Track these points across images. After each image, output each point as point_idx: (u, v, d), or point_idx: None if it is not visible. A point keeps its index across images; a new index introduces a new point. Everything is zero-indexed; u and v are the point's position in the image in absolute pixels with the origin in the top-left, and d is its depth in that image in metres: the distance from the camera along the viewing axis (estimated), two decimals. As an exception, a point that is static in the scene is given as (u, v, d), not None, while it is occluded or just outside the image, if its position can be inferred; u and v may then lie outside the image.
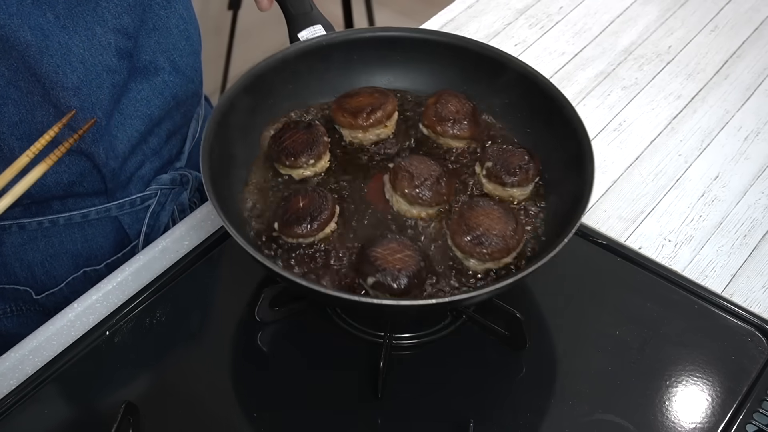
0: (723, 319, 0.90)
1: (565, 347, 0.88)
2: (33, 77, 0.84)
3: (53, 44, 0.83)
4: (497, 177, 0.89)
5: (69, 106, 0.87)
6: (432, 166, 0.88)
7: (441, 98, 0.95)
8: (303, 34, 0.97)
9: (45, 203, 0.96)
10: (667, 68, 1.26)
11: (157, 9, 0.95)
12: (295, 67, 0.97)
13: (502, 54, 0.97)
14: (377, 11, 2.61)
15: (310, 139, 0.91)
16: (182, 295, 0.92)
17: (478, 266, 0.83)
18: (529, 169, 0.88)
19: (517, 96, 0.96)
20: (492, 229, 0.82)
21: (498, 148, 0.91)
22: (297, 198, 0.86)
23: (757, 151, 1.13)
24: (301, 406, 0.83)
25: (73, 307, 0.90)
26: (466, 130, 0.94)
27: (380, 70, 1.02)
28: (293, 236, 0.84)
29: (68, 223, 0.98)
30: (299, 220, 0.83)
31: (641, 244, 1.00)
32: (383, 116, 0.94)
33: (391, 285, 0.78)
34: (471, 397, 0.83)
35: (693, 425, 0.81)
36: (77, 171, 0.94)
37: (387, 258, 0.79)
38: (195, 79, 1.04)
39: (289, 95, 0.98)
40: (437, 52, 1.00)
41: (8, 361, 0.85)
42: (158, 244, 0.97)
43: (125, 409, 0.77)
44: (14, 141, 0.87)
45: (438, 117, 0.94)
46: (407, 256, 0.80)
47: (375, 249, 0.80)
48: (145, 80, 0.96)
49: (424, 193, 0.86)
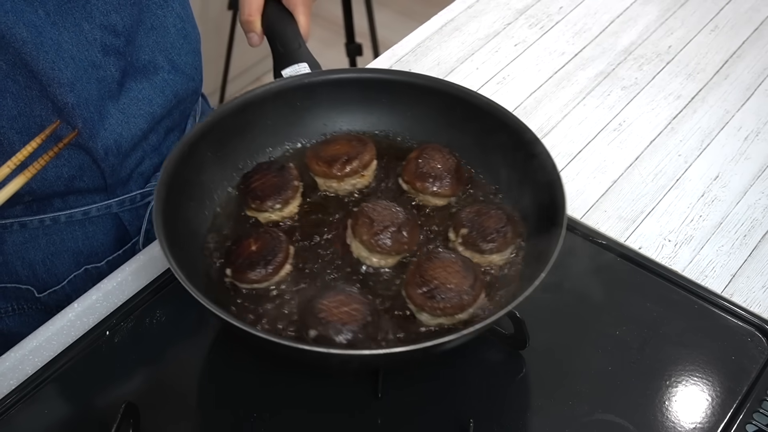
0: (723, 319, 0.90)
1: (565, 347, 0.88)
2: (30, 73, 0.84)
3: (47, 41, 0.84)
4: (474, 245, 0.83)
5: (66, 103, 0.87)
6: (396, 213, 0.84)
7: (424, 153, 0.91)
8: (287, 71, 0.94)
9: (46, 201, 0.96)
10: (667, 68, 1.26)
11: (154, 8, 0.95)
12: (275, 103, 0.94)
13: (493, 105, 0.92)
14: (377, 11, 2.60)
15: (280, 182, 0.87)
16: (182, 295, 0.92)
17: (430, 321, 0.79)
18: (507, 232, 0.83)
19: (501, 151, 0.92)
20: (447, 283, 0.77)
21: (471, 211, 0.86)
22: (248, 241, 0.82)
23: (757, 151, 1.13)
24: (302, 406, 0.83)
25: (73, 306, 0.90)
26: (448, 188, 0.89)
27: (364, 112, 0.99)
28: (248, 282, 0.81)
29: (69, 221, 0.98)
30: (252, 265, 0.80)
31: (641, 244, 1.00)
32: (359, 166, 0.90)
33: (332, 338, 0.73)
34: (471, 397, 0.83)
35: (693, 425, 0.81)
36: (77, 165, 0.94)
37: (332, 310, 0.75)
38: (195, 78, 1.04)
39: (268, 132, 0.95)
40: (424, 96, 0.96)
41: (8, 361, 0.85)
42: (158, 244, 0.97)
43: (125, 409, 0.77)
44: (14, 134, 0.88)
45: (419, 173, 0.89)
46: (354, 310, 0.75)
47: (321, 301, 0.76)
48: (146, 79, 0.97)
49: (384, 241, 0.82)
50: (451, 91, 0.95)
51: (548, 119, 1.18)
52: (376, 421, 0.81)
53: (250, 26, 0.98)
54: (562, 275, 0.94)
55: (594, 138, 1.15)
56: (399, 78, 0.98)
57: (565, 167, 1.10)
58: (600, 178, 1.09)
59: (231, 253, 0.83)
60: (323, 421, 0.81)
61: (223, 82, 2.64)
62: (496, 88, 1.22)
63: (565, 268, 0.94)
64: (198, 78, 1.05)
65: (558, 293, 0.92)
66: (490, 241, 0.83)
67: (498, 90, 1.22)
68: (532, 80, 1.24)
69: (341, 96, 0.97)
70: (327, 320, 0.74)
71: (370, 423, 0.81)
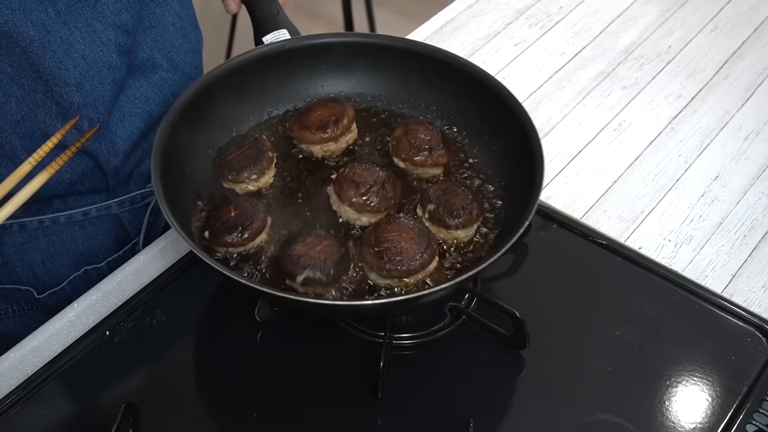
0: (723, 319, 0.90)
1: (565, 347, 0.88)
2: (36, 74, 0.84)
3: (55, 39, 0.83)
4: (440, 220, 0.86)
5: (72, 103, 0.87)
6: (376, 172, 0.88)
7: (409, 129, 0.94)
8: (267, 38, 0.96)
9: (46, 202, 0.96)
10: (667, 68, 1.26)
11: (153, 6, 0.95)
12: (258, 70, 0.96)
13: (462, 61, 0.97)
14: (377, 11, 2.61)
15: (255, 153, 0.90)
16: (182, 295, 0.92)
17: (379, 281, 0.82)
18: (473, 209, 0.86)
19: (476, 106, 0.96)
20: (398, 246, 0.81)
21: (439, 188, 0.88)
22: (228, 207, 0.86)
23: (757, 151, 1.13)
24: (302, 406, 0.83)
25: (73, 307, 0.90)
26: (444, 156, 0.93)
27: (343, 75, 1.01)
28: (223, 245, 0.84)
29: (69, 222, 0.98)
30: (229, 230, 0.83)
31: (641, 244, 1.00)
32: (349, 122, 0.95)
33: (320, 278, 0.79)
34: (471, 397, 0.83)
35: (693, 425, 0.81)
36: (79, 171, 0.94)
37: (309, 253, 0.80)
38: (195, 77, 1.04)
39: (251, 98, 0.98)
40: (400, 58, 0.99)
41: (8, 361, 0.85)
42: (158, 244, 0.97)
43: (125, 409, 0.77)
44: (16, 139, 0.87)
45: (414, 148, 0.92)
46: (327, 246, 0.81)
47: (294, 248, 0.81)
48: (144, 78, 0.97)
49: (372, 199, 0.86)
50: (428, 52, 0.99)
51: (548, 119, 1.18)
52: (376, 421, 0.82)
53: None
54: (562, 275, 0.94)
55: (594, 138, 1.15)
56: (376, 41, 1.01)
57: (565, 167, 1.10)
58: (600, 178, 1.09)
59: (210, 218, 0.86)
60: (323, 421, 0.81)
61: (223, 82, 2.64)
62: (496, 88, 1.22)
63: (565, 267, 0.95)
64: (197, 78, 1.05)
65: (558, 293, 0.93)
66: (455, 216, 0.86)
67: (498, 90, 1.22)
68: (532, 80, 1.24)
69: (320, 61, 1.00)
70: (309, 262, 0.80)
71: (370, 423, 0.81)
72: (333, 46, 1.00)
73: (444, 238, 0.87)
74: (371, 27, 2.54)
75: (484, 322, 0.87)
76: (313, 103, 0.97)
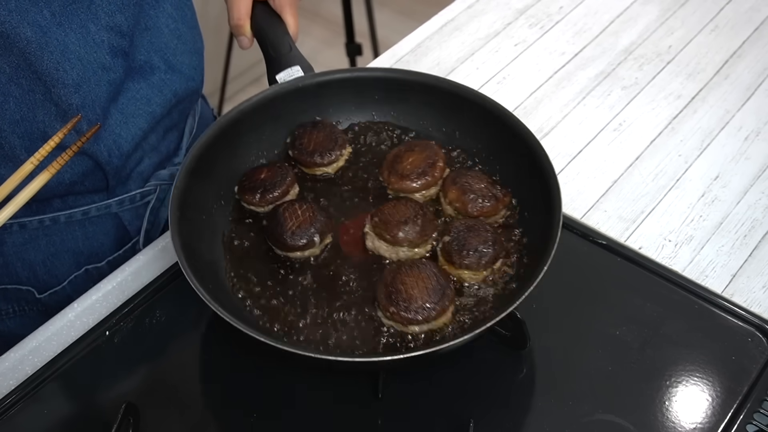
0: (723, 319, 0.90)
1: (565, 347, 0.88)
2: (34, 75, 0.84)
3: (52, 41, 0.83)
4: (449, 254, 0.84)
5: (70, 104, 0.87)
6: (407, 209, 0.87)
7: (458, 176, 0.91)
8: (281, 76, 0.96)
9: (46, 201, 0.96)
10: (667, 68, 1.26)
11: (147, 8, 0.95)
12: (274, 108, 0.96)
13: (478, 95, 0.95)
14: (377, 11, 2.60)
15: (328, 139, 0.94)
16: (182, 295, 0.92)
17: (384, 320, 0.81)
18: (483, 256, 0.83)
19: (488, 137, 0.95)
20: (409, 293, 0.80)
21: (465, 223, 0.86)
22: (261, 169, 0.92)
23: (757, 151, 1.13)
24: (302, 406, 0.83)
25: (73, 307, 0.90)
26: (492, 204, 0.89)
27: (358, 109, 1.01)
28: (247, 202, 0.91)
29: (69, 221, 0.98)
30: (255, 188, 0.90)
31: (641, 244, 1.00)
32: (444, 163, 0.93)
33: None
34: (471, 397, 0.83)
35: (693, 425, 0.81)
36: (80, 171, 0.94)
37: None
38: (195, 78, 1.04)
39: (267, 137, 0.98)
40: (413, 91, 0.99)
41: (8, 361, 0.85)
42: (158, 244, 0.97)
43: (125, 409, 0.77)
44: (15, 139, 0.87)
45: (477, 205, 0.89)
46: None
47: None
48: (143, 79, 0.97)
49: (410, 233, 0.85)
50: (442, 86, 0.98)
51: (548, 119, 1.18)
52: (376, 421, 0.81)
53: (240, 30, 0.98)
54: (562, 275, 0.94)
55: (594, 138, 1.15)
56: (388, 75, 1.00)
57: (565, 167, 1.10)
58: (600, 178, 1.09)
59: (244, 176, 0.93)
60: (323, 421, 0.81)
61: (223, 82, 2.64)
62: (496, 88, 1.22)
63: (565, 268, 0.95)
64: (198, 78, 1.05)
65: (558, 293, 0.92)
66: (464, 256, 0.83)
67: (498, 90, 1.22)
68: (532, 80, 1.24)
69: (336, 95, 1.00)
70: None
71: (370, 423, 0.81)
72: (346, 81, 0.99)
73: (450, 273, 0.85)
74: (371, 27, 2.54)
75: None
76: (398, 150, 0.95)
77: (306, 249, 0.87)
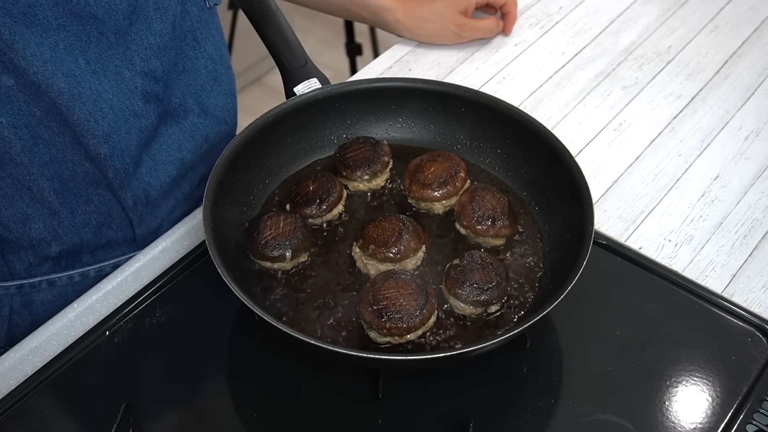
0: (723, 319, 0.90)
1: (566, 347, 0.88)
2: (64, 121, 0.82)
3: (85, 91, 0.81)
4: (453, 282, 0.84)
5: (98, 154, 0.85)
6: (396, 225, 0.87)
7: (476, 195, 0.91)
8: (299, 88, 0.97)
9: (75, 256, 0.94)
10: (667, 68, 1.26)
11: (187, 50, 0.92)
12: (294, 120, 0.97)
13: (505, 105, 0.97)
14: (377, 11, 2.60)
15: (372, 155, 0.95)
16: (182, 295, 0.92)
17: (379, 338, 0.81)
18: (482, 294, 0.82)
19: (518, 147, 0.97)
20: (396, 304, 0.79)
21: (473, 255, 0.85)
22: (307, 182, 0.93)
23: (757, 151, 1.13)
24: (302, 406, 0.83)
25: (73, 307, 0.90)
26: (507, 227, 0.90)
27: (376, 120, 1.03)
28: (303, 216, 0.90)
29: (99, 275, 0.96)
30: (309, 202, 0.91)
31: (641, 244, 1.00)
32: (465, 173, 0.94)
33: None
34: (471, 397, 0.83)
35: (693, 425, 0.81)
36: (105, 210, 0.92)
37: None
38: (228, 121, 1.02)
39: (288, 150, 0.99)
40: (431, 99, 1.00)
41: (8, 361, 0.85)
42: (158, 244, 0.97)
43: (125, 409, 0.77)
44: (44, 181, 0.86)
45: (477, 216, 0.89)
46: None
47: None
48: (175, 123, 0.94)
49: (398, 248, 0.86)
50: (460, 93, 0.99)
51: (548, 119, 1.18)
52: (376, 421, 0.82)
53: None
54: (562, 275, 0.94)
55: (594, 138, 1.15)
56: (404, 85, 1.01)
57: (565, 167, 1.10)
58: (600, 178, 1.09)
59: (291, 192, 0.94)
60: (323, 421, 0.82)
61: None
62: (496, 88, 1.22)
63: (565, 268, 0.94)
64: (232, 121, 1.03)
65: (558, 293, 0.92)
66: (462, 289, 0.83)
67: (498, 90, 1.22)
68: (532, 80, 1.24)
69: (353, 107, 1.01)
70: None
71: (370, 423, 0.81)
72: (363, 93, 1.00)
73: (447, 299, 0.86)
74: (371, 27, 2.54)
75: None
76: (420, 159, 0.96)
77: (276, 261, 0.87)
